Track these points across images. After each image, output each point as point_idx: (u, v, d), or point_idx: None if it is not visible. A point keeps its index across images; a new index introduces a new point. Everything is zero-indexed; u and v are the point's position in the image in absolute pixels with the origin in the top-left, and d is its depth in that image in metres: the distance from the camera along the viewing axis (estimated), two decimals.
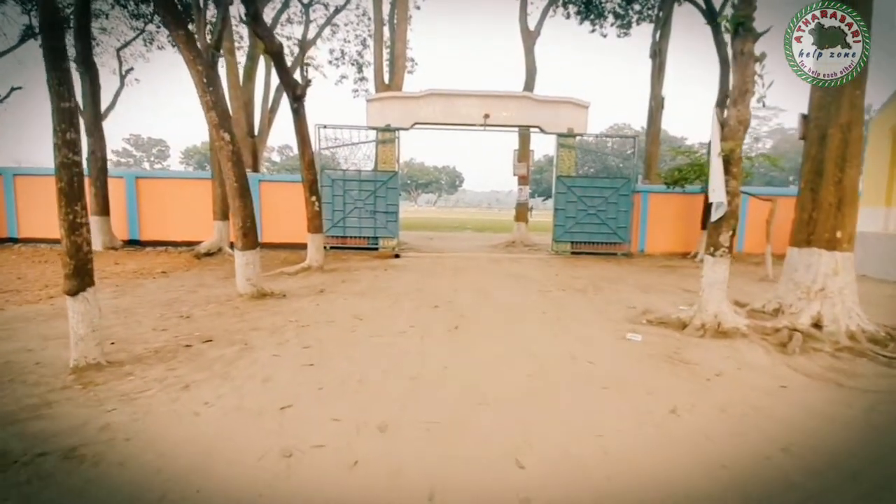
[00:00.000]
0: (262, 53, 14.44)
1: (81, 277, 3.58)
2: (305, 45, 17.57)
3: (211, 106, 6.13)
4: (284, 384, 3.49)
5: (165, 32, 14.92)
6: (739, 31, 4.99)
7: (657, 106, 15.91)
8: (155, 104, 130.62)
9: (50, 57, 3.42)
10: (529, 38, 16.18)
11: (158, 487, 2.23)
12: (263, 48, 9.69)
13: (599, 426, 2.94)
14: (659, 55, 15.62)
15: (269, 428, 2.82)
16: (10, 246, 11.79)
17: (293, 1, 17.08)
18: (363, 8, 19.07)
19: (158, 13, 7.71)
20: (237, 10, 13.63)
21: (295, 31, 23.82)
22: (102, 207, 11.56)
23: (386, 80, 15.79)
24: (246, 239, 6.61)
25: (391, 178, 12.32)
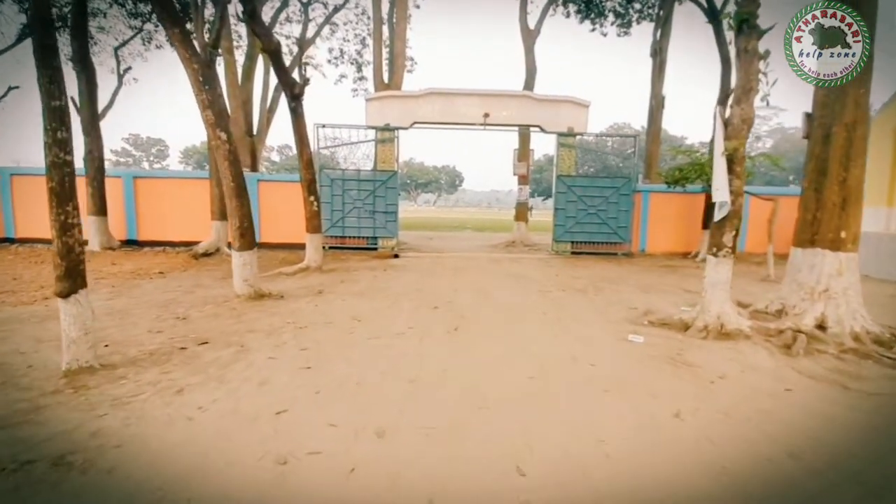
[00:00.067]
0: (260, 52, 14.36)
1: (73, 279, 3.52)
2: (304, 43, 17.50)
3: (207, 105, 6.06)
4: (281, 387, 3.43)
5: (164, 31, 14.83)
6: (743, 28, 4.93)
7: (657, 105, 15.84)
8: (154, 104, 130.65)
9: (41, 54, 3.35)
10: (529, 37, 16.12)
11: (148, 497, 2.17)
12: (261, 47, 9.61)
13: (602, 430, 2.88)
14: (659, 54, 15.55)
15: (264, 433, 2.76)
16: (7, 246, 11.72)
17: None
18: (362, 7, 19.04)
19: (155, 11, 7.64)
20: (235, 8, 13.56)
21: (294, 29, 23.73)
22: (100, 207, 11.50)
23: (385, 79, 15.71)
24: (243, 239, 6.54)
25: (390, 177, 12.25)
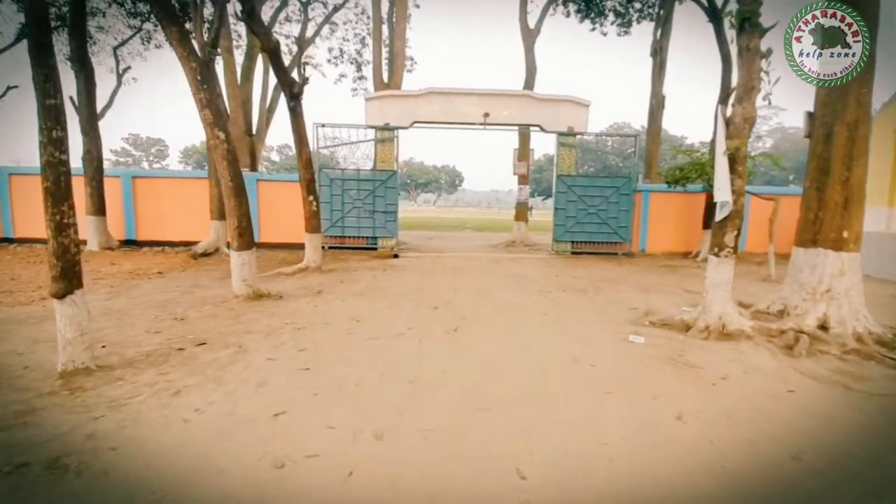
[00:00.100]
0: (260, 52, 14.33)
1: (69, 280, 3.48)
2: (303, 43, 17.45)
3: (205, 104, 6.02)
4: (279, 389, 3.40)
5: (162, 30, 14.78)
6: (745, 26, 4.89)
7: (658, 104, 15.80)
8: (154, 104, 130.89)
9: (36, 53, 3.32)
10: (529, 36, 16.07)
11: (144, 499, 2.14)
12: (261, 46, 9.58)
13: (603, 432, 2.85)
14: (659, 53, 15.51)
15: (262, 435, 2.73)
16: (5, 246, 11.69)
17: None
18: (362, 6, 19.01)
19: (153, 10, 7.60)
20: (234, 7, 13.51)
21: (293, 29, 23.66)
22: (99, 207, 11.46)
23: (385, 78, 15.67)
24: (241, 239, 6.50)
25: (390, 177, 12.21)
